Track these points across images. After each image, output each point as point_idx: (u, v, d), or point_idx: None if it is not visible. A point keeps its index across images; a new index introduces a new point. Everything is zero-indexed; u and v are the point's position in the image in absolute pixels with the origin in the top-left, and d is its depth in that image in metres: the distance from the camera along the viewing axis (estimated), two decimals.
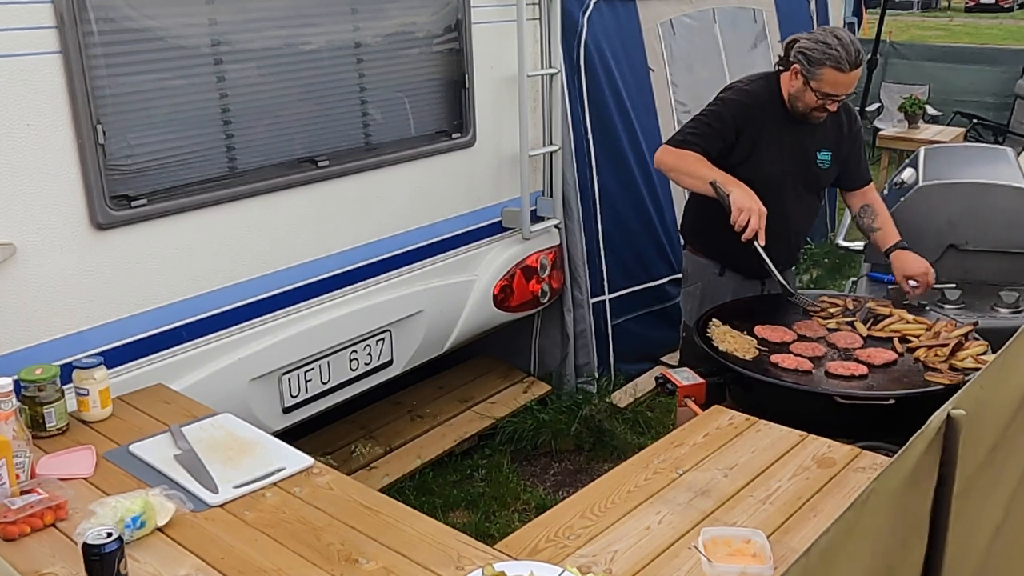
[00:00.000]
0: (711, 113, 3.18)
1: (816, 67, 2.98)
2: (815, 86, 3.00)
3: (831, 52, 2.95)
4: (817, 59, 2.97)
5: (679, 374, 2.81)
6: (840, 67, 2.95)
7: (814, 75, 2.99)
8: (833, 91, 3.00)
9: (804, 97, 3.06)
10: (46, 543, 1.88)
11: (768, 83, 3.19)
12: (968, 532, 1.54)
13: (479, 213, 3.87)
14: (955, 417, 1.36)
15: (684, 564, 1.85)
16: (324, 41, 3.16)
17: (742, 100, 3.16)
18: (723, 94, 3.24)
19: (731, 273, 3.33)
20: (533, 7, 3.88)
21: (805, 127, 3.17)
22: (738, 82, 3.29)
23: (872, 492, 1.15)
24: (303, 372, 3.29)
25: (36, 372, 2.31)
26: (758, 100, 3.16)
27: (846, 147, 3.29)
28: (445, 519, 3.26)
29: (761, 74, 3.29)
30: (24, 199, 2.47)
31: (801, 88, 3.05)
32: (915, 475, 1.30)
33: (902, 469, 1.25)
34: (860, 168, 3.39)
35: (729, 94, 3.21)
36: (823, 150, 3.24)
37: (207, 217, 2.89)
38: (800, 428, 2.42)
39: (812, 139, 3.22)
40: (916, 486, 1.33)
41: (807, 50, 3.01)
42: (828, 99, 3.02)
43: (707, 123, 3.14)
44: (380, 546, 1.88)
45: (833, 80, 2.97)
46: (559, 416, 4.18)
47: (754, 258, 3.22)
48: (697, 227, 3.44)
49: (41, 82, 2.45)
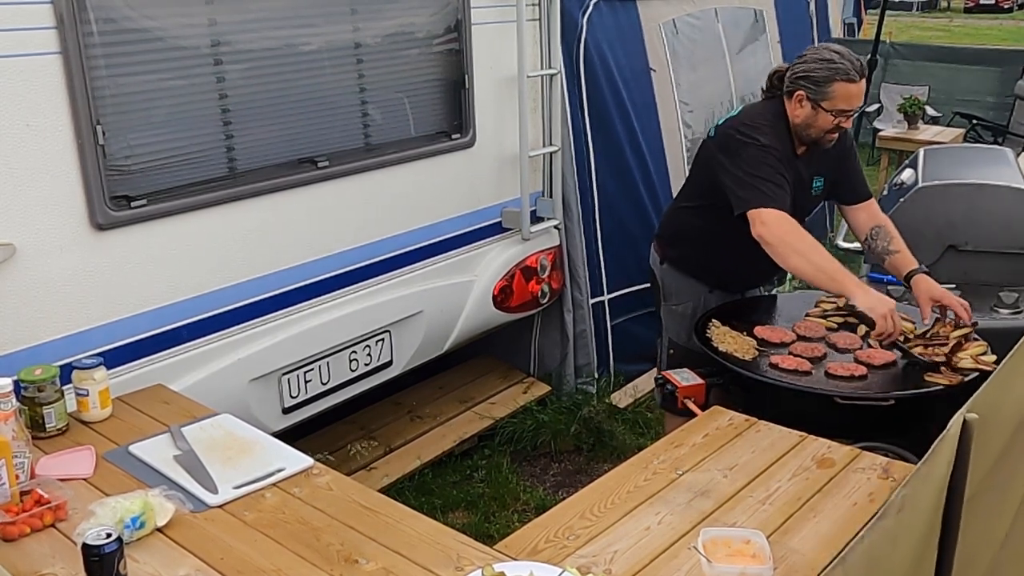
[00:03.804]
0: (770, 163, 2.92)
1: (825, 86, 2.89)
2: (828, 106, 2.90)
3: (837, 66, 2.88)
4: (825, 78, 2.89)
5: (679, 375, 2.82)
6: (851, 78, 2.87)
7: (825, 95, 2.90)
8: (848, 106, 2.91)
9: (817, 122, 2.95)
10: (46, 543, 1.88)
11: (779, 119, 3.02)
12: (978, 537, 1.53)
13: (479, 214, 3.87)
14: (969, 421, 1.34)
15: (684, 564, 1.85)
16: (324, 41, 3.16)
17: (778, 145, 2.96)
18: (758, 141, 2.94)
19: (719, 291, 3.28)
20: (533, 8, 3.88)
21: (801, 159, 3.07)
22: (758, 124, 3.01)
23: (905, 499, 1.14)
24: (303, 373, 3.29)
25: (36, 372, 2.31)
26: (783, 145, 2.99)
27: (841, 162, 3.20)
28: (445, 519, 3.26)
29: (770, 111, 3.07)
30: (24, 199, 2.47)
31: (811, 114, 2.94)
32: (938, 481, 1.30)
33: (931, 475, 1.24)
34: (857, 180, 3.26)
35: (765, 140, 2.95)
36: (817, 177, 3.16)
37: (207, 218, 2.89)
38: (800, 429, 2.42)
39: (807, 169, 3.11)
40: (937, 493, 1.32)
41: (810, 72, 2.92)
42: (843, 116, 2.92)
43: (779, 174, 2.90)
44: (380, 546, 1.88)
45: (846, 94, 2.89)
46: (559, 417, 4.18)
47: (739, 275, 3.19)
48: (682, 251, 3.32)
49: (41, 82, 2.45)
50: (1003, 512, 1.68)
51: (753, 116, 3.08)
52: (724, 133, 3.07)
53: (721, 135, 3.08)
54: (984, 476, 1.45)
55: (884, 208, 3.57)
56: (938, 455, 1.25)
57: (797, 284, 4.08)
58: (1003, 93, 9.87)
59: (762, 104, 3.16)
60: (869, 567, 1.06)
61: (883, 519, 1.10)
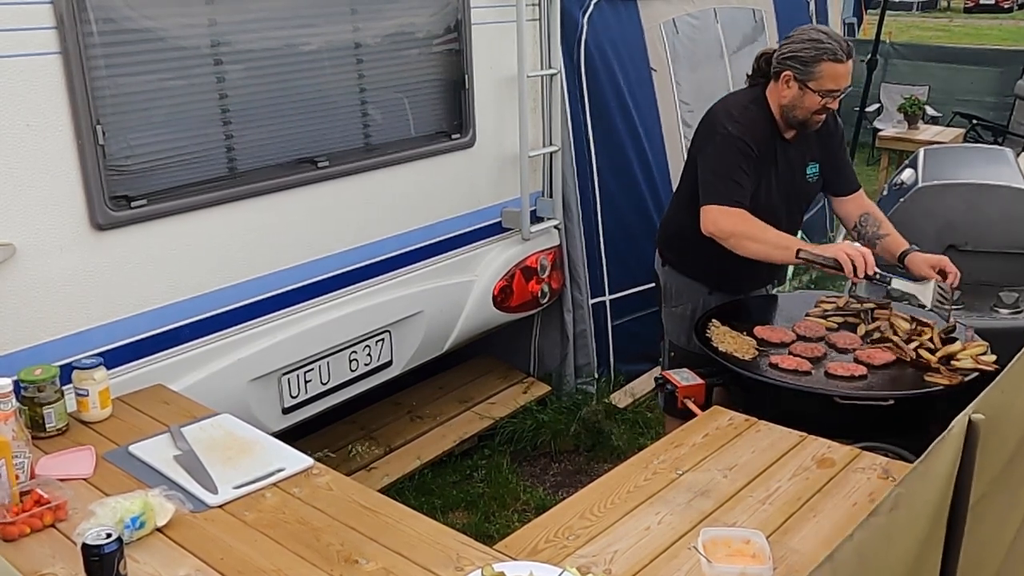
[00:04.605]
0: (729, 156, 2.95)
1: (812, 65, 2.91)
2: (816, 86, 2.92)
3: (824, 46, 2.89)
4: (812, 57, 2.90)
5: (679, 375, 2.82)
6: (837, 58, 2.89)
7: (812, 75, 2.92)
8: (835, 86, 2.93)
9: (804, 103, 2.96)
10: (46, 543, 1.88)
11: (758, 106, 3.05)
12: (985, 540, 1.52)
13: (479, 214, 3.87)
14: (975, 422, 1.33)
15: (684, 564, 1.85)
16: (324, 42, 3.16)
17: (748, 136, 2.97)
18: (726, 130, 2.99)
19: (719, 293, 3.27)
20: (533, 7, 3.88)
21: (792, 144, 3.08)
22: (729, 111, 3.05)
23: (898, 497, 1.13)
24: (303, 373, 3.29)
25: (36, 372, 2.31)
26: (757, 129, 3.01)
27: (832, 152, 3.21)
28: (445, 519, 3.26)
29: (746, 97, 3.11)
30: (24, 199, 2.47)
31: (798, 94, 2.96)
32: (938, 481, 1.29)
33: (928, 475, 1.23)
34: (848, 171, 3.29)
35: (732, 129, 2.98)
36: (811, 163, 3.17)
37: (207, 218, 2.89)
38: (800, 429, 2.42)
39: (799, 154, 3.12)
40: (939, 492, 1.31)
41: (796, 52, 2.93)
42: (830, 96, 2.95)
43: (737, 167, 2.93)
44: (380, 547, 1.88)
45: (833, 73, 2.91)
46: (559, 416, 4.18)
47: (738, 277, 3.18)
48: (682, 252, 3.33)
49: (41, 82, 2.45)
50: (1012, 516, 1.67)
51: (727, 104, 3.13)
52: (703, 121, 3.13)
53: (701, 124, 3.14)
54: (993, 478, 1.44)
55: (884, 208, 3.58)
56: (938, 455, 1.25)
57: (797, 284, 4.07)
58: (1003, 93, 9.87)
59: (742, 92, 3.18)
60: (860, 565, 1.06)
61: (875, 516, 1.09)
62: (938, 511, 1.35)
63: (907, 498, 1.17)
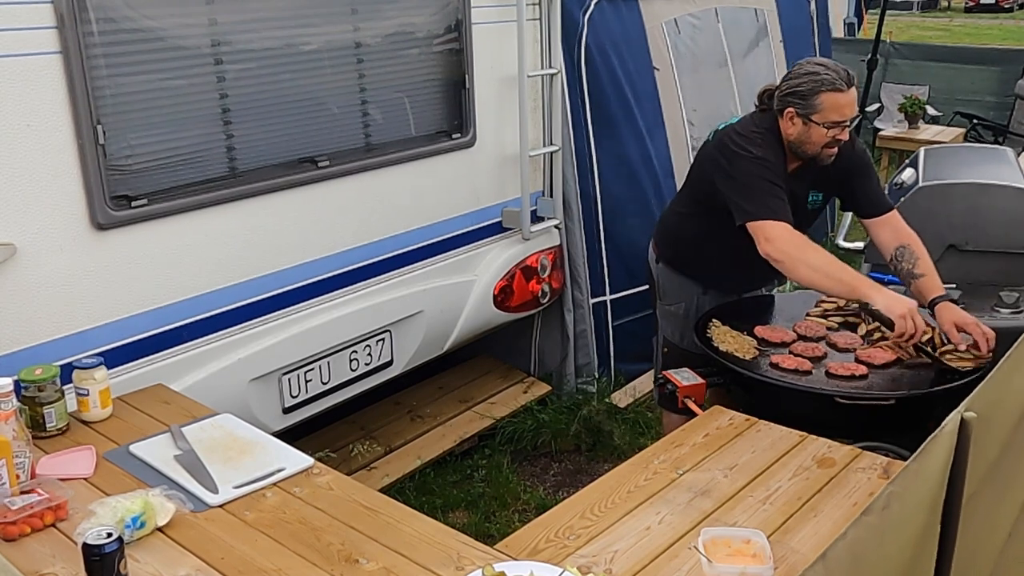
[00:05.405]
0: (761, 174, 2.88)
1: (812, 98, 2.84)
2: (819, 119, 2.84)
3: (822, 77, 2.83)
4: (810, 90, 2.84)
5: (679, 374, 2.82)
6: (837, 87, 2.82)
7: (814, 108, 2.84)
8: (839, 116, 2.84)
9: (811, 137, 2.89)
10: (46, 543, 1.88)
11: (774, 135, 2.97)
12: (979, 536, 1.52)
13: (479, 213, 3.87)
14: (967, 420, 1.34)
15: (684, 564, 1.85)
16: (324, 41, 3.16)
17: (771, 157, 2.92)
18: (751, 153, 2.91)
19: (713, 292, 3.26)
20: (533, 7, 3.88)
21: (794, 176, 3.00)
22: (753, 129, 2.99)
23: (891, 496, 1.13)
24: (303, 372, 3.29)
25: (36, 372, 2.31)
26: (775, 154, 2.94)
27: (852, 178, 3.11)
28: (445, 519, 3.26)
29: (763, 124, 3.02)
30: (24, 199, 2.47)
31: (803, 129, 2.89)
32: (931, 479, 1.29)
33: (921, 473, 1.24)
34: (875, 193, 3.14)
35: (758, 150, 2.91)
36: (813, 192, 3.10)
37: (207, 217, 2.89)
38: (800, 428, 2.42)
39: (801, 185, 3.04)
40: (932, 491, 1.32)
41: (794, 88, 2.87)
42: (837, 127, 2.86)
43: (772, 183, 2.87)
44: (380, 546, 1.88)
45: (834, 104, 2.83)
46: (559, 416, 4.18)
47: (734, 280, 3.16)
48: (677, 251, 3.31)
49: (41, 82, 2.45)
50: (1005, 511, 1.68)
51: (747, 126, 3.03)
52: (721, 140, 3.04)
53: (719, 141, 3.05)
54: (984, 474, 1.45)
55: None
56: (931, 453, 1.25)
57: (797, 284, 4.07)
58: (1003, 93, 9.85)
59: (758, 115, 3.09)
60: (853, 563, 1.06)
61: (868, 515, 1.09)
62: (931, 509, 1.36)
63: (900, 496, 1.17)
